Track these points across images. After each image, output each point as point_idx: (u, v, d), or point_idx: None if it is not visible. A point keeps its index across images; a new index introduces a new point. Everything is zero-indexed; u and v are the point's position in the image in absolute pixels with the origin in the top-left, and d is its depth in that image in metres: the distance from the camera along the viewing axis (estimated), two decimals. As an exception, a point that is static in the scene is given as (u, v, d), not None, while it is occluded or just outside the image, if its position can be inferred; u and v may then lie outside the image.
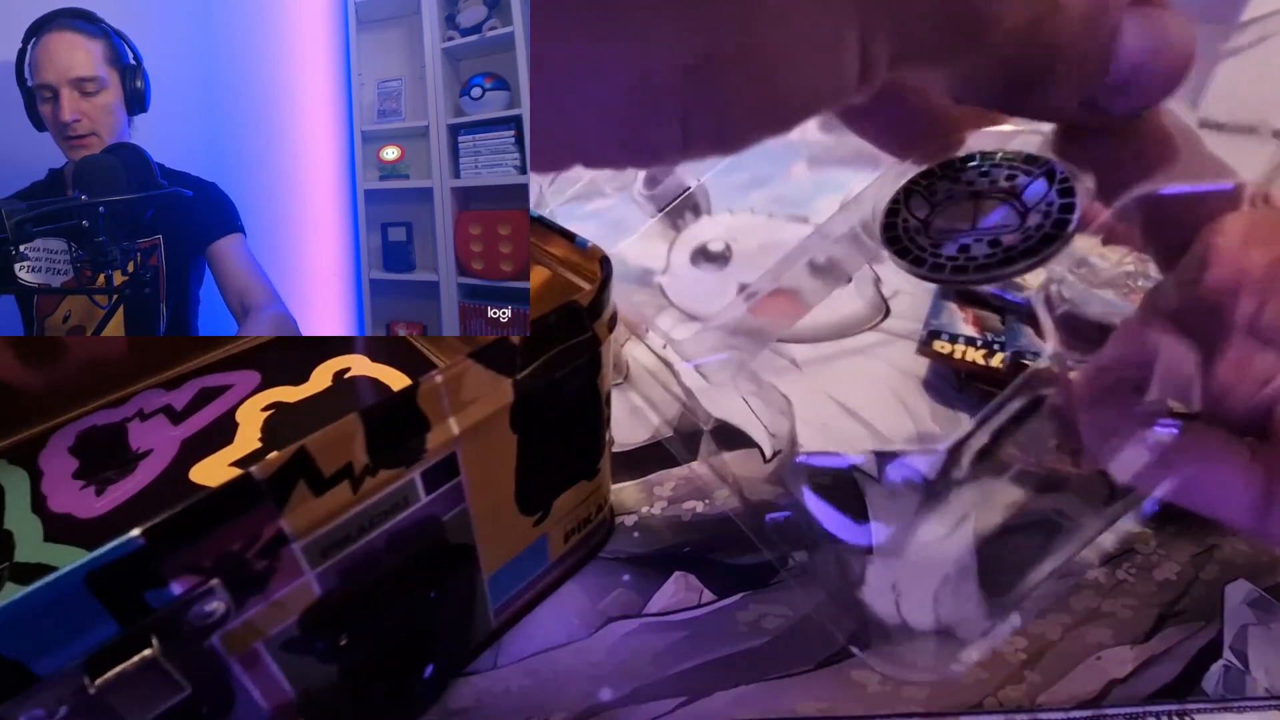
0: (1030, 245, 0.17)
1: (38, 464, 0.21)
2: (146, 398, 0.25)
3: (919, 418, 0.47)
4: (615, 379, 0.49)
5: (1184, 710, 0.33)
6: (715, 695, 0.33)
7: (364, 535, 0.25)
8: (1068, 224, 0.17)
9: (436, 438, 0.26)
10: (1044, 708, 0.33)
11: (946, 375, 0.51)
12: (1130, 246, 0.20)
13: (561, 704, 0.32)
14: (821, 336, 0.54)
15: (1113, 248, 0.26)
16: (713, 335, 0.29)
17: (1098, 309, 0.51)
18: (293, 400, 0.24)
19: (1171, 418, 0.18)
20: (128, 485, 0.20)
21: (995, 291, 0.51)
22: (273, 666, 0.25)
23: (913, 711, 0.33)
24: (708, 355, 0.29)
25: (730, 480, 0.43)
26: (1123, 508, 0.20)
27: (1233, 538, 0.40)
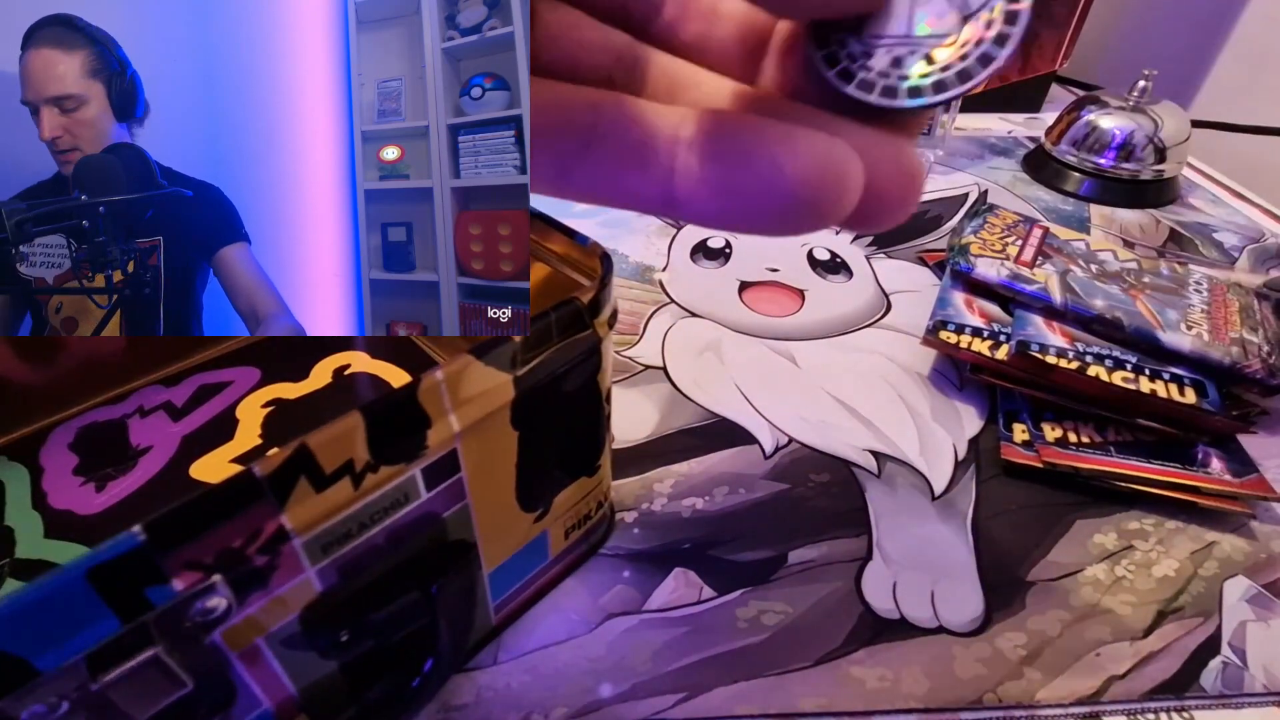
0: (967, 66, 0.14)
1: (38, 460, 0.21)
2: (146, 394, 0.25)
3: (920, 415, 0.47)
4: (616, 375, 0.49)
5: (1183, 706, 0.33)
6: (715, 691, 0.33)
7: (365, 532, 0.25)
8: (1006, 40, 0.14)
9: (437, 434, 0.26)
10: (1043, 704, 0.33)
11: (948, 372, 0.51)
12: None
13: (561, 700, 0.32)
14: (821, 333, 0.54)
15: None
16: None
17: (1102, 302, 0.51)
18: (293, 397, 0.25)
19: None
20: (128, 482, 0.20)
21: (1004, 283, 0.51)
22: (274, 662, 0.25)
23: (911, 708, 0.33)
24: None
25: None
26: None
27: (1232, 535, 0.41)
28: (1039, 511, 0.42)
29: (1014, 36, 0.14)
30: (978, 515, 0.41)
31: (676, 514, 0.41)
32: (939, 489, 0.43)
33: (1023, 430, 0.45)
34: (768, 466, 0.44)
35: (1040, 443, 0.43)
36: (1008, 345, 0.47)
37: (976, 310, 0.51)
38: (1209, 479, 0.41)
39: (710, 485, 0.42)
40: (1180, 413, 0.43)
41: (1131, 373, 0.45)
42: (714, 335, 0.54)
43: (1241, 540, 0.40)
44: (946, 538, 0.40)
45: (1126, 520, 0.41)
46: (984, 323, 0.50)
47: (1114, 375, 0.44)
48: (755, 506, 0.41)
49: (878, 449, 0.45)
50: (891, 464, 0.44)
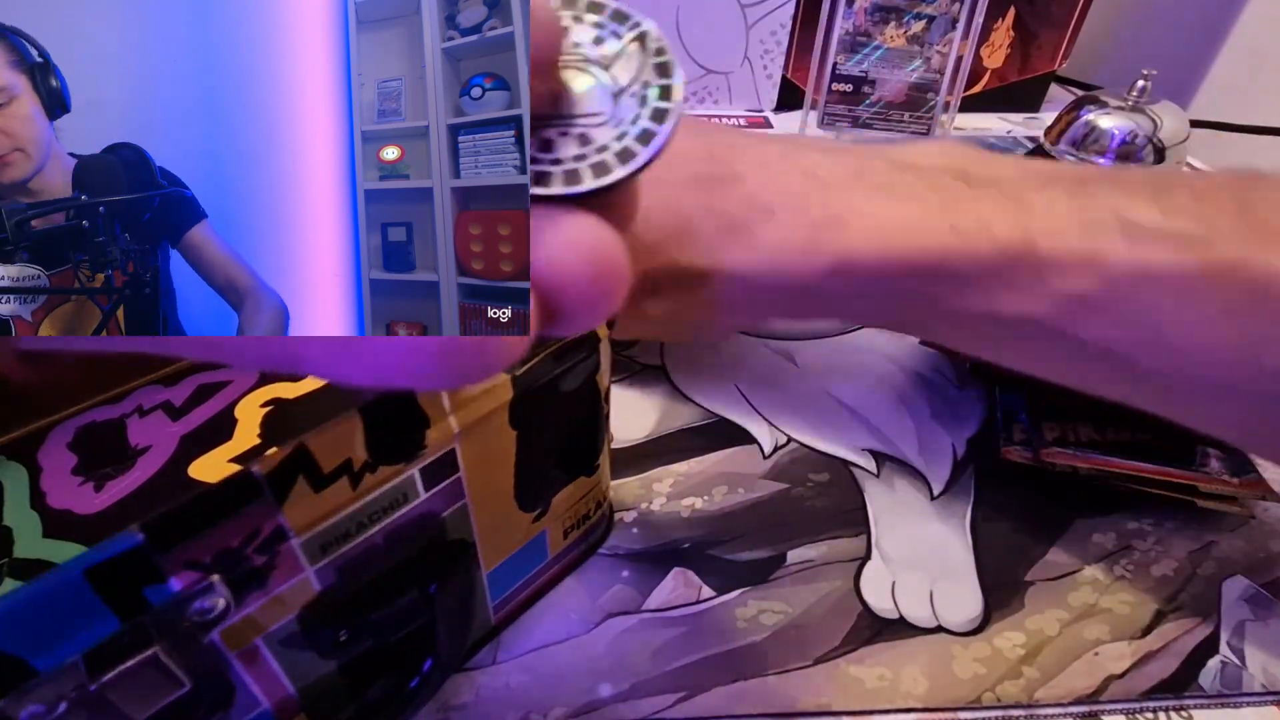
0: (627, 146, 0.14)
1: (36, 460, 0.21)
2: (145, 394, 0.25)
3: (919, 415, 0.47)
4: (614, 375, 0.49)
5: (1181, 706, 0.33)
6: (714, 691, 0.33)
7: (363, 531, 0.25)
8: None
9: (436, 434, 0.26)
10: (1041, 704, 0.33)
11: (947, 372, 0.51)
12: None
13: (560, 700, 0.32)
14: (819, 333, 0.54)
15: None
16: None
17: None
18: (292, 396, 0.24)
19: None
20: (127, 481, 0.20)
21: None
22: (272, 662, 0.25)
23: (910, 707, 0.33)
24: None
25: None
26: None
27: (1231, 535, 0.41)
28: (1038, 511, 0.42)
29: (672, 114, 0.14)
30: (976, 515, 0.42)
31: (675, 514, 0.41)
32: (938, 489, 0.43)
33: (1022, 430, 0.45)
34: (767, 466, 0.44)
35: (1039, 443, 0.43)
36: (1007, 345, 0.47)
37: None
38: (1208, 479, 0.41)
39: (709, 485, 0.42)
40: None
41: (1130, 372, 0.45)
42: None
43: (1240, 540, 0.41)
44: (945, 537, 0.40)
45: (1125, 520, 0.41)
46: (983, 322, 0.50)
47: (1113, 375, 0.44)
48: (754, 506, 0.41)
49: (877, 449, 0.45)
50: (890, 464, 0.44)
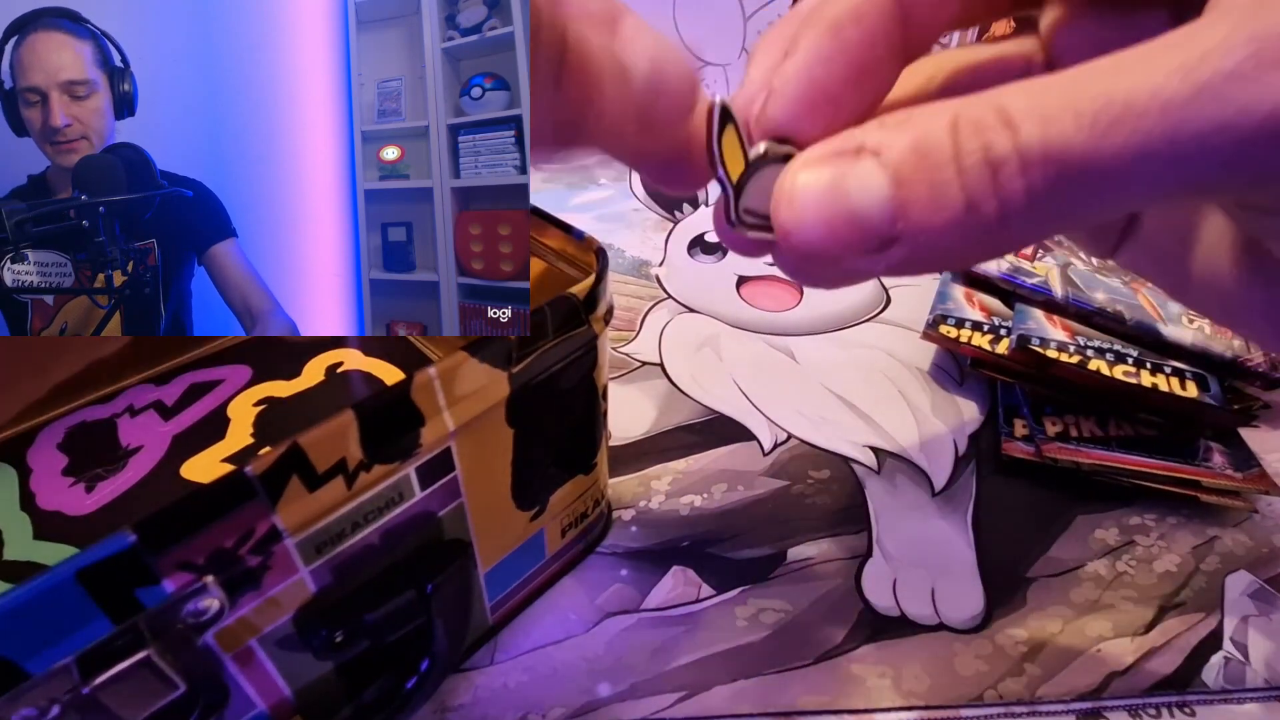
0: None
1: (26, 461, 0.21)
2: (136, 393, 0.24)
3: (920, 410, 0.47)
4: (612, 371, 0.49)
5: (1184, 702, 0.33)
6: (714, 690, 0.33)
7: (358, 531, 0.25)
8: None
9: (431, 432, 0.25)
10: (1044, 700, 0.33)
11: (949, 367, 0.51)
12: None
13: (559, 699, 0.32)
14: (820, 328, 0.54)
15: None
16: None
17: (1103, 295, 0.51)
18: (285, 395, 0.24)
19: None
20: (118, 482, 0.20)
21: (1005, 276, 0.51)
22: (267, 664, 0.25)
23: (912, 705, 0.32)
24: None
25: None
26: None
27: (1234, 530, 0.40)
28: (1040, 507, 0.42)
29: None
30: (978, 511, 0.41)
31: (674, 512, 0.40)
32: (939, 485, 0.43)
33: (1023, 425, 0.45)
34: (766, 463, 0.44)
35: (1041, 438, 0.43)
36: (1008, 339, 0.47)
37: (977, 304, 0.51)
38: (1210, 473, 0.41)
39: (708, 482, 0.42)
40: (1182, 407, 0.43)
41: (1133, 366, 0.44)
42: (711, 330, 0.54)
43: (1243, 535, 0.40)
44: (947, 534, 0.40)
45: (1128, 515, 0.41)
46: (984, 317, 0.49)
47: (1115, 369, 0.44)
48: (754, 504, 0.41)
49: (877, 445, 0.45)
50: (891, 460, 0.44)
